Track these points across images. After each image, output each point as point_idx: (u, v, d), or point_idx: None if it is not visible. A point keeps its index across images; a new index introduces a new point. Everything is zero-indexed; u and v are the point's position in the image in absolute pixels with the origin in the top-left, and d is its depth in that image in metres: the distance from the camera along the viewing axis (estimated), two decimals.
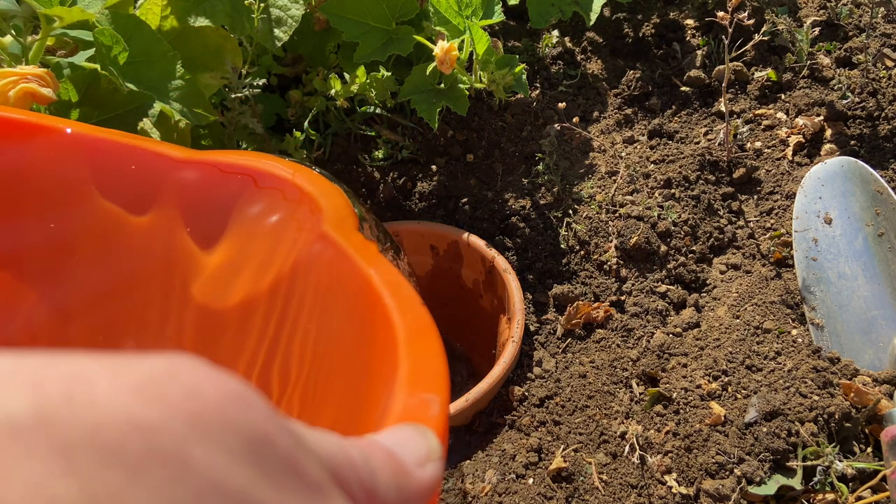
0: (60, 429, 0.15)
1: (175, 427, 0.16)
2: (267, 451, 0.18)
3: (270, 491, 0.17)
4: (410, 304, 0.33)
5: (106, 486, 0.15)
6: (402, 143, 1.10)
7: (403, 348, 0.30)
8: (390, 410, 0.27)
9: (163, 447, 0.16)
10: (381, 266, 0.36)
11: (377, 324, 0.33)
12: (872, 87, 1.06)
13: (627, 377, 0.86)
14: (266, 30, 0.94)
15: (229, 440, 0.17)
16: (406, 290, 0.34)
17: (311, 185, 0.40)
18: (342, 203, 0.40)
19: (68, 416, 0.15)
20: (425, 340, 0.31)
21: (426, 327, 0.32)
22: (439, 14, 0.99)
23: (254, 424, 0.18)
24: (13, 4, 0.86)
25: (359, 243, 0.38)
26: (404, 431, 0.25)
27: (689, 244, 0.97)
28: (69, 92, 0.79)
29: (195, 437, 0.16)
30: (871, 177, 0.93)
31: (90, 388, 0.16)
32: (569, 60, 1.22)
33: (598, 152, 1.10)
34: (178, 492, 0.15)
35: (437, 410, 0.28)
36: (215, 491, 0.16)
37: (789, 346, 0.85)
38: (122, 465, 0.15)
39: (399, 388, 0.29)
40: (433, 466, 0.24)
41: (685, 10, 1.26)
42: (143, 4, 0.90)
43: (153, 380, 0.17)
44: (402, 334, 0.31)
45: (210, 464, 0.16)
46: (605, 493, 0.77)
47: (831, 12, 1.16)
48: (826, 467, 0.75)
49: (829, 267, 0.90)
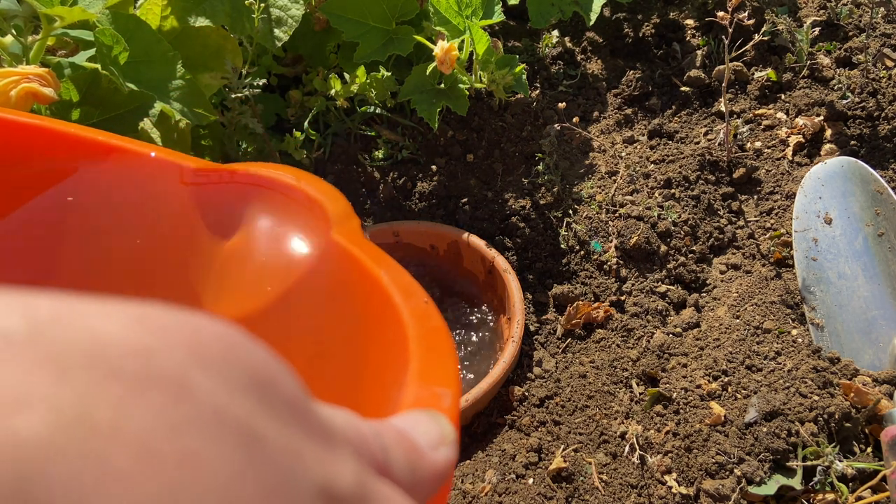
0: (55, 345, 0.14)
1: (175, 353, 0.16)
2: (271, 391, 0.17)
3: (273, 426, 0.16)
4: (420, 304, 0.33)
5: (105, 398, 0.14)
6: (402, 143, 1.10)
7: (414, 346, 0.31)
8: (402, 401, 0.27)
9: (162, 369, 0.15)
10: (390, 267, 0.36)
11: (387, 323, 0.33)
12: (872, 87, 1.06)
13: (627, 377, 0.86)
14: (266, 30, 0.94)
15: (231, 372, 0.16)
16: (415, 290, 0.34)
17: (317, 190, 0.41)
18: (345, 206, 0.40)
19: (62, 336, 0.15)
20: (435, 338, 0.31)
21: (436, 326, 0.32)
22: (439, 14, 0.99)
23: (258, 365, 0.17)
24: (14, 4, 0.86)
25: (366, 246, 0.38)
26: (417, 415, 0.25)
27: (689, 244, 0.97)
28: (70, 92, 0.79)
29: (195, 365, 0.16)
30: (871, 177, 0.93)
31: (83, 316, 0.15)
32: (569, 60, 1.22)
33: (598, 152, 1.10)
34: (179, 413, 0.15)
35: (450, 403, 0.27)
36: (216, 417, 0.15)
37: (789, 346, 0.86)
38: (119, 383, 0.14)
39: (410, 382, 0.28)
40: (447, 450, 0.24)
41: (685, 10, 1.26)
42: (143, 4, 0.90)
43: (150, 313, 0.16)
44: (413, 333, 0.31)
45: (211, 390, 0.16)
46: (605, 493, 0.77)
47: (831, 12, 1.16)
48: (826, 467, 0.75)
49: (829, 267, 0.90)
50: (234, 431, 0.15)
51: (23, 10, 0.86)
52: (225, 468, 0.15)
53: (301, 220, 0.41)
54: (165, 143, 0.87)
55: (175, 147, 0.88)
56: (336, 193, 0.41)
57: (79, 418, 0.13)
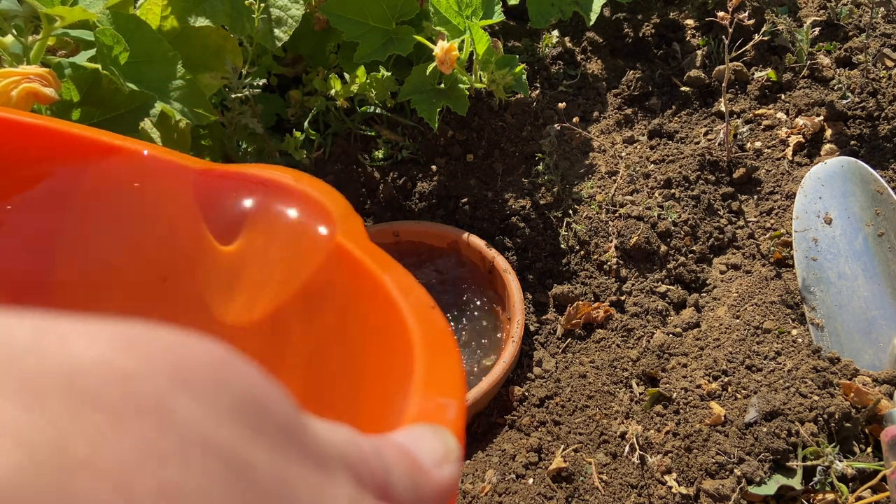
0: (30, 373, 0.14)
1: (156, 378, 0.15)
2: (261, 415, 0.16)
3: (263, 453, 0.16)
4: (425, 309, 0.33)
5: (81, 429, 0.13)
6: (402, 143, 1.10)
7: (419, 353, 0.30)
8: (405, 413, 0.27)
9: (144, 395, 0.14)
10: (395, 271, 0.35)
11: (392, 329, 0.33)
12: (872, 87, 1.06)
13: (627, 377, 0.86)
14: (266, 30, 0.94)
15: (218, 396, 0.16)
16: (420, 294, 0.34)
17: (317, 191, 0.40)
18: (345, 206, 0.40)
19: (39, 362, 0.14)
20: (441, 345, 0.31)
21: (441, 332, 0.31)
22: (439, 14, 0.99)
23: (247, 387, 0.16)
24: (14, 4, 0.86)
25: (371, 249, 0.37)
26: (421, 430, 0.24)
27: (689, 244, 0.97)
28: (70, 92, 0.79)
29: (179, 390, 0.15)
30: (871, 177, 0.93)
31: (61, 338, 0.14)
32: (569, 60, 1.22)
33: (598, 152, 1.10)
34: (160, 443, 0.14)
35: (454, 414, 0.27)
36: (200, 446, 0.14)
37: (789, 346, 0.86)
38: (97, 412, 0.13)
39: (415, 392, 0.28)
40: (451, 467, 0.23)
41: (685, 10, 1.26)
42: (143, 4, 0.90)
43: (134, 334, 0.15)
44: (418, 339, 0.31)
45: (195, 416, 0.15)
46: (605, 493, 0.77)
47: (831, 12, 1.16)
48: (826, 467, 0.75)
49: (829, 267, 0.90)
50: (220, 460, 0.15)
51: (23, 10, 0.86)
52: (209, 500, 0.14)
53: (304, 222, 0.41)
54: (165, 143, 0.88)
55: (175, 147, 0.88)
56: (335, 194, 0.41)
57: (52, 451, 0.13)
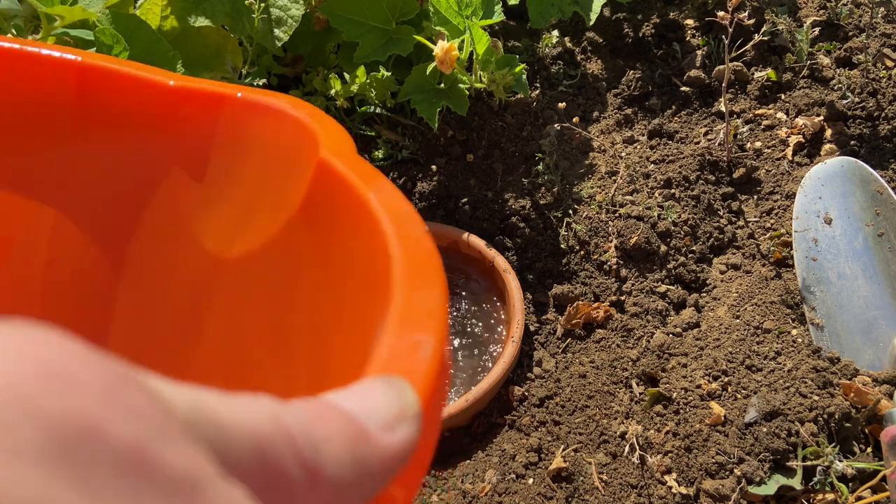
0: None
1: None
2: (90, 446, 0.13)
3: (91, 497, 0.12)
4: (411, 231, 0.28)
5: None
6: (402, 143, 1.10)
7: (398, 280, 0.26)
8: (374, 356, 0.23)
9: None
10: (382, 188, 0.31)
11: (376, 253, 0.28)
12: (872, 87, 1.06)
13: (627, 377, 0.86)
14: (266, 30, 0.94)
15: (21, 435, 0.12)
16: (408, 214, 0.29)
17: (313, 119, 0.36)
18: (342, 135, 0.35)
19: None
20: (423, 271, 0.26)
21: (426, 256, 0.27)
22: (439, 14, 0.99)
23: (71, 411, 0.13)
24: (14, 4, 0.86)
25: (358, 165, 0.33)
26: (372, 386, 0.21)
27: (689, 244, 0.97)
28: None
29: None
30: (871, 177, 0.93)
31: None
32: (569, 60, 1.22)
33: (598, 152, 1.10)
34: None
35: (428, 353, 0.23)
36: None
37: (789, 346, 0.86)
38: None
39: (388, 328, 0.24)
40: (406, 428, 0.20)
41: (685, 10, 1.26)
42: (143, 4, 0.90)
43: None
44: (398, 264, 0.27)
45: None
46: (605, 493, 0.77)
47: (831, 12, 1.16)
48: (826, 467, 0.75)
49: (829, 267, 0.90)
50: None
51: (23, 10, 0.86)
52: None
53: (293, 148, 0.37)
54: None
55: None
56: (336, 126, 0.36)
57: None
